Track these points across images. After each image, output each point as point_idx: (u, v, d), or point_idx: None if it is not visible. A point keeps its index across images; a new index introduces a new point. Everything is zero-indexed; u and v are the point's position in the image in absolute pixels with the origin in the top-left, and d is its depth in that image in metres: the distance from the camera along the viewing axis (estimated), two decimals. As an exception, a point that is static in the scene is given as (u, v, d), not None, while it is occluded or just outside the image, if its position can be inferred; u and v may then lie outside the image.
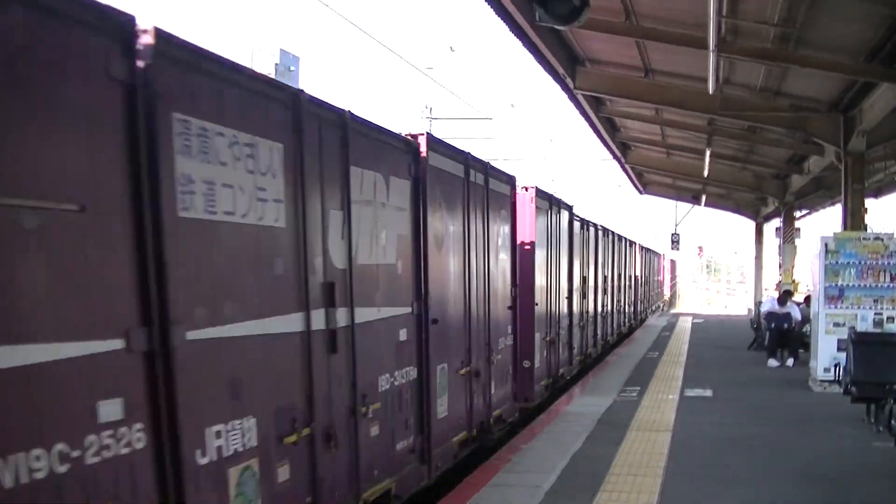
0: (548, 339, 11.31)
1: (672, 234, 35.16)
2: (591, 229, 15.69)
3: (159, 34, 3.28)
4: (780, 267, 23.06)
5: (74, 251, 2.96)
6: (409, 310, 6.11)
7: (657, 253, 38.14)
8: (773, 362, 14.46)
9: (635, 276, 25.75)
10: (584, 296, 14.58)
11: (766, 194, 23.27)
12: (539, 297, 10.66)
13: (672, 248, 36.59)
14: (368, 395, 5.34)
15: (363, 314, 5.24)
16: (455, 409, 7.20)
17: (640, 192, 28.99)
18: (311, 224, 4.58)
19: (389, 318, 5.74)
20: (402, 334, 6.01)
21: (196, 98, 3.59)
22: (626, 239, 23.15)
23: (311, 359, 4.58)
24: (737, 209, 29.57)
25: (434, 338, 6.51)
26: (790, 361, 14.47)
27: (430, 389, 6.46)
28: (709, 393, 11.40)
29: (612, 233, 19.42)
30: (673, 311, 41.03)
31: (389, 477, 5.72)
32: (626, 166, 22.57)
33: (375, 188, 5.52)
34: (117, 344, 3.15)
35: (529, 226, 10.23)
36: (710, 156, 17.59)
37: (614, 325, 19.74)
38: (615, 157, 21.05)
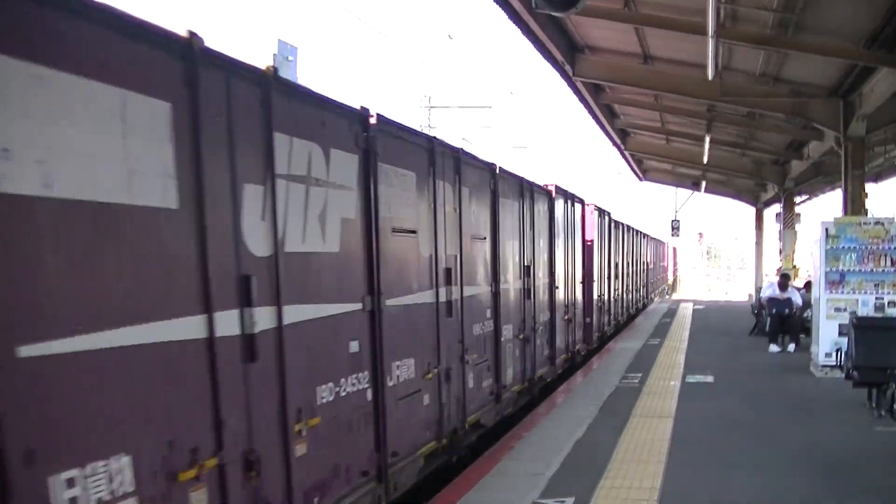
0: (598, 305, 16.51)
1: (672, 221, 35.98)
2: (621, 227, 20.87)
3: (500, 169, 8.46)
4: (780, 252, 23.39)
5: (485, 253, 8.14)
6: (548, 280, 11.29)
7: (662, 242, 41.93)
8: (774, 348, 14.39)
9: (646, 263, 30.91)
10: (616, 277, 19.79)
11: (765, 180, 23.43)
12: (595, 276, 15.85)
13: (672, 235, 37.26)
14: (538, 323, 10.52)
15: (537, 283, 10.42)
16: (562, 339, 12.40)
17: (640, 179, 29.65)
18: (523, 240, 9.74)
19: (545, 284, 10.95)
20: (546, 294, 11.19)
21: (504, 190, 8.74)
22: (641, 232, 28.20)
23: (524, 303, 9.75)
24: (737, 195, 29.66)
25: (556, 297, 11.70)
26: (791, 347, 14.49)
27: (555, 325, 11.67)
28: (710, 379, 11.40)
29: (633, 228, 24.61)
30: (674, 296, 42.31)
31: (543, 368, 10.92)
32: (626, 153, 22.91)
33: (540, 218, 10.69)
34: (487, 288, 8.29)
35: (590, 229, 15.39)
36: (710, 142, 17.74)
37: (633, 301, 25.00)
38: (614, 143, 21.29)
